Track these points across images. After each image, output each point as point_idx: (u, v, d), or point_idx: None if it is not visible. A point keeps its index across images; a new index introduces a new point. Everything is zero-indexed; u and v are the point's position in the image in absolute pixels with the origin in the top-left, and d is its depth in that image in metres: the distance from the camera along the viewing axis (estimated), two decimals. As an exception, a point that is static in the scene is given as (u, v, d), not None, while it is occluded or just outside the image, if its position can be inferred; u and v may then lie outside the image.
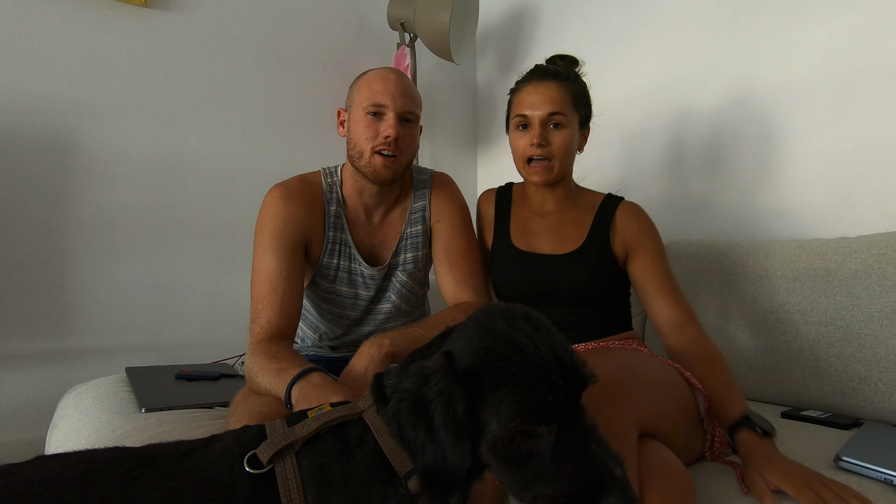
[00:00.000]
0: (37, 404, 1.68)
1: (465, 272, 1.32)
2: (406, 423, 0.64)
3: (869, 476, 0.97)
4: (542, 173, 1.27)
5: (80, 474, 0.63)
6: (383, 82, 1.23)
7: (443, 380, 0.63)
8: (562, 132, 1.25)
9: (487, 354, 0.64)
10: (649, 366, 1.07)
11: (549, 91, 1.25)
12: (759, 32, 1.79)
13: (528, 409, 0.61)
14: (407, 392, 0.65)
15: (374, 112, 1.22)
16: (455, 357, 0.66)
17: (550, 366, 0.63)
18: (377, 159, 1.22)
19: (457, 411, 0.62)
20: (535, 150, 1.25)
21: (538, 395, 0.61)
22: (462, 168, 2.74)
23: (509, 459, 0.63)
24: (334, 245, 1.30)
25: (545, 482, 0.62)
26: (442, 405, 0.62)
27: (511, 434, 0.62)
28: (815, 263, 1.42)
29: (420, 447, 0.63)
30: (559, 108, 1.24)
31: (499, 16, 2.67)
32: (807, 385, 1.39)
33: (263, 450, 0.67)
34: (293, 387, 0.98)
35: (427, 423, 0.63)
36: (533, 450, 0.62)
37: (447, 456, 0.62)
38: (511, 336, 0.65)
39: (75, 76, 1.76)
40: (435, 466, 0.63)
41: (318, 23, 2.26)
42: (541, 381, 0.62)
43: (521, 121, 1.28)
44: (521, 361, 0.63)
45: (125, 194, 1.85)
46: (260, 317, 1.17)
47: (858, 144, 1.59)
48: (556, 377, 0.62)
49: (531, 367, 0.62)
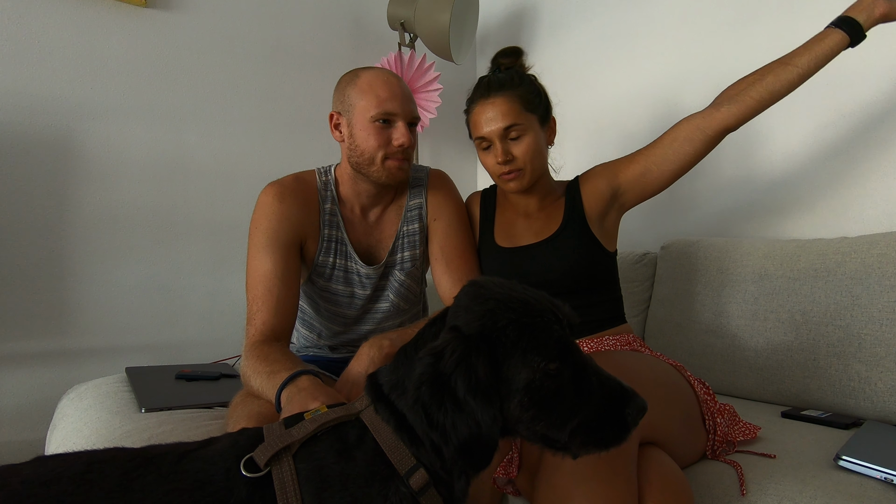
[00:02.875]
0: (37, 404, 1.68)
1: (462, 270, 1.31)
2: (432, 406, 0.64)
3: (869, 476, 0.97)
4: (516, 181, 1.26)
5: (78, 475, 0.63)
6: (388, 88, 1.21)
7: (457, 349, 0.64)
8: (523, 141, 1.24)
9: (495, 314, 0.67)
10: (648, 371, 1.06)
11: (496, 106, 1.22)
12: (759, 32, 1.79)
13: (553, 349, 0.66)
14: (423, 375, 0.65)
15: (384, 120, 1.21)
16: (462, 328, 0.67)
17: (551, 311, 0.69)
18: (391, 163, 1.23)
19: (479, 374, 0.63)
20: (503, 167, 1.25)
21: (557, 335, 0.67)
22: (462, 168, 2.75)
23: (542, 403, 0.66)
24: (330, 243, 1.29)
25: (576, 413, 0.67)
26: (463, 373, 0.63)
27: (542, 377, 0.65)
28: (815, 263, 1.42)
29: (451, 426, 0.63)
30: (512, 121, 1.22)
31: (499, 16, 2.67)
32: (807, 385, 1.39)
33: (260, 453, 0.67)
34: (283, 390, 0.98)
35: (452, 397, 0.63)
36: (559, 387, 0.66)
37: (479, 421, 0.63)
38: (510, 294, 0.69)
39: (75, 76, 1.76)
40: (470, 437, 0.63)
41: (318, 23, 2.26)
42: (553, 323, 0.68)
43: (481, 143, 1.27)
44: (530, 311, 0.67)
45: (125, 194, 1.85)
46: (255, 318, 1.16)
47: (858, 144, 1.59)
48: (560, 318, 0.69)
49: (540, 313, 0.68)
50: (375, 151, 1.21)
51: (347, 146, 1.25)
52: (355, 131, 1.23)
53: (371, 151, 1.22)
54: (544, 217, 1.34)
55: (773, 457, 1.06)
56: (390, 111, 1.20)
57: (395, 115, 1.21)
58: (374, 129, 1.21)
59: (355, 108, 1.22)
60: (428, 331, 0.75)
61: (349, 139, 1.25)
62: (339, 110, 1.26)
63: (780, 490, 0.94)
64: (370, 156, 1.22)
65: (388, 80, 1.23)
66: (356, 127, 1.23)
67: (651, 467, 0.91)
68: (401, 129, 1.21)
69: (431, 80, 2.23)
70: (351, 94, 1.24)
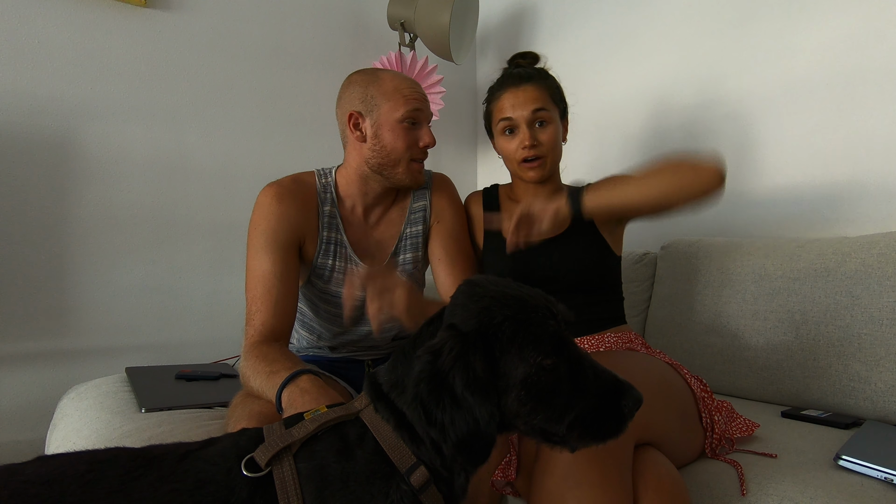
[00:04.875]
0: (37, 404, 1.68)
1: (466, 272, 1.32)
2: (430, 403, 0.64)
3: (869, 475, 0.97)
4: (538, 170, 1.30)
5: (80, 475, 0.63)
6: (413, 89, 1.24)
7: (455, 346, 0.65)
8: (548, 128, 1.29)
9: (491, 311, 0.68)
10: (644, 370, 1.06)
11: (528, 93, 1.28)
12: (759, 33, 1.79)
13: (548, 344, 0.67)
14: (421, 373, 0.65)
15: (413, 121, 1.22)
16: (459, 326, 0.68)
17: (547, 307, 0.70)
18: (414, 166, 1.25)
19: (477, 370, 0.64)
20: (528, 151, 1.28)
21: (552, 330, 0.68)
22: (462, 168, 2.75)
23: (540, 397, 0.67)
24: (329, 245, 1.29)
25: (573, 407, 0.68)
26: (461, 370, 0.64)
27: (539, 371, 0.66)
28: (815, 263, 1.42)
29: (450, 423, 0.64)
30: (542, 105, 1.27)
31: (499, 16, 2.67)
32: (807, 385, 1.39)
33: (261, 452, 0.67)
34: (283, 390, 0.98)
35: (450, 394, 0.64)
36: (556, 382, 0.67)
37: (477, 417, 0.63)
38: (505, 292, 0.70)
39: (75, 76, 1.76)
40: (468, 433, 0.64)
41: (318, 23, 2.26)
42: (548, 318, 0.68)
43: (507, 124, 1.30)
44: (525, 307, 0.68)
45: (125, 194, 1.85)
46: (254, 318, 1.16)
47: (858, 144, 1.59)
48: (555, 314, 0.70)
49: (535, 309, 0.69)
50: (403, 153, 1.23)
51: (370, 146, 1.24)
52: (382, 132, 1.23)
53: (399, 153, 1.23)
54: None
55: (774, 456, 1.06)
56: (418, 108, 1.22)
57: (421, 113, 1.23)
58: (402, 129, 1.22)
59: (380, 109, 1.22)
60: (425, 330, 0.75)
61: (373, 139, 1.24)
62: (359, 110, 1.24)
63: (780, 490, 0.94)
64: (397, 157, 1.23)
65: (412, 82, 1.26)
66: (383, 128, 1.23)
67: (646, 468, 0.91)
68: (426, 129, 1.24)
69: (434, 82, 2.23)
70: (375, 95, 1.23)
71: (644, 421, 0.95)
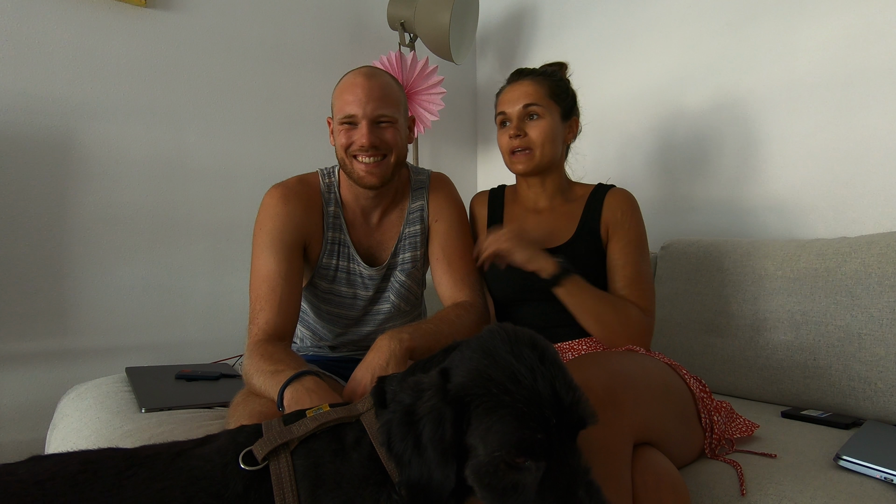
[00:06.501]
0: (37, 404, 1.68)
1: (463, 272, 1.32)
2: (395, 435, 0.64)
3: (869, 475, 0.97)
4: (524, 161, 1.32)
5: (72, 474, 0.63)
6: (352, 91, 1.23)
7: (434, 398, 0.63)
8: (539, 123, 1.31)
9: (481, 378, 0.63)
10: (642, 370, 1.06)
11: (523, 87, 1.33)
12: (758, 33, 1.79)
13: (514, 442, 0.59)
14: (400, 404, 0.65)
15: (349, 122, 1.23)
16: (451, 376, 0.65)
17: (546, 401, 0.61)
18: (358, 166, 1.24)
19: (445, 431, 0.61)
20: (514, 141, 1.32)
21: (527, 429, 0.59)
22: (462, 168, 2.75)
23: (493, 488, 0.61)
24: (333, 245, 1.30)
25: None
26: (431, 422, 0.62)
27: (496, 463, 0.60)
28: (815, 263, 1.42)
29: (407, 461, 0.63)
30: (533, 100, 1.30)
31: (499, 16, 2.67)
32: (807, 385, 1.39)
33: (259, 447, 0.67)
34: (286, 389, 0.98)
35: (416, 438, 0.63)
36: (518, 483, 0.61)
37: (432, 473, 0.62)
38: (510, 363, 0.63)
39: (75, 76, 1.76)
40: (420, 482, 0.63)
41: (318, 23, 2.26)
42: (532, 415, 0.60)
43: (501, 118, 1.36)
44: (515, 391, 0.61)
45: (125, 194, 1.85)
46: (258, 317, 1.17)
47: (858, 144, 1.59)
48: (549, 414, 0.61)
49: (524, 399, 0.61)
50: (343, 152, 1.25)
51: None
52: (334, 134, 1.28)
53: (340, 153, 1.26)
54: (555, 219, 1.35)
55: (774, 456, 1.06)
56: (350, 113, 1.22)
57: (355, 117, 1.22)
58: (342, 131, 1.24)
59: (334, 112, 1.28)
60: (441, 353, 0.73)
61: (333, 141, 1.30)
62: (331, 114, 1.31)
63: (780, 490, 0.94)
64: (341, 157, 1.26)
65: (354, 82, 1.24)
66: (334, 130, 1.28)
67: (646, 468, 0.91)
68: (361, 129, 1.22)
69: (435, 83, 2.23)
70: (333, 99, 1.29)
71: (643, 420, 0.94)
